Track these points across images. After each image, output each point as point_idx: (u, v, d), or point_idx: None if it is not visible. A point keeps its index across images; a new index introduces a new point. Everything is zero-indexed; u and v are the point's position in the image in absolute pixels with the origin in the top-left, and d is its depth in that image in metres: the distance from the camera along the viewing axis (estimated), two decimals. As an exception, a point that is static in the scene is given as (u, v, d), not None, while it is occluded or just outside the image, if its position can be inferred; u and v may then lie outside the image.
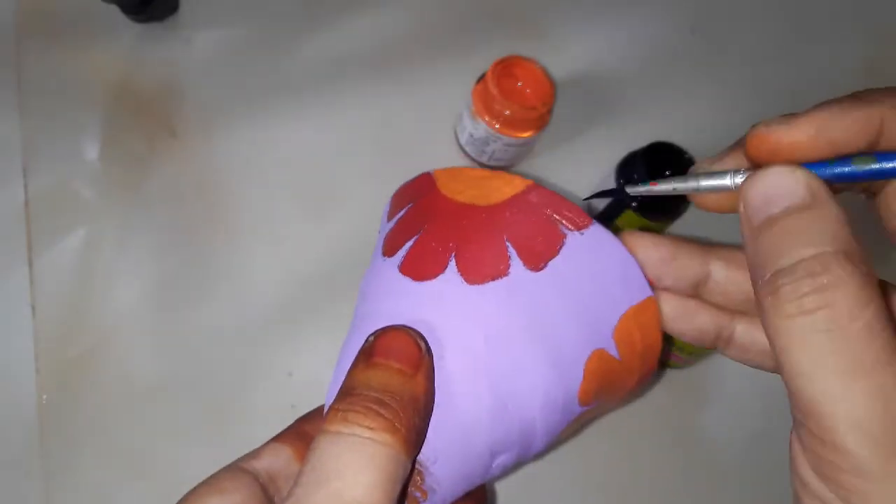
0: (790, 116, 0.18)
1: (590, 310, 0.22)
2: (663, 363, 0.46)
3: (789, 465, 0.17)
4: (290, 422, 0.43)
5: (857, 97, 0.17)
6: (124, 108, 0.48)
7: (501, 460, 0.23)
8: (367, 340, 0.21)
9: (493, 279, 0.22)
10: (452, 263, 0.22)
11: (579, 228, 0.23)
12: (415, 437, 0.19)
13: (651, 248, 0.22)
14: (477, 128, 0.46)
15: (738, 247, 0.22)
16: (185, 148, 0.47)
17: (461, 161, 0.50)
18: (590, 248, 0.22)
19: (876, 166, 0.17)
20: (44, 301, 0.42)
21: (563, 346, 0.22)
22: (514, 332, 0.22)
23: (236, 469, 0.24)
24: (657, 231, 0.47)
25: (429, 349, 0.21)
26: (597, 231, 0.23)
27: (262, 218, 0.46)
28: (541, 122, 0.46)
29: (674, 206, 0.44)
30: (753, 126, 0.18)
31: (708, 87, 0.57)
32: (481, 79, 0.45)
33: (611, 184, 0.46)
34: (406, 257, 0.23)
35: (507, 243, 0.22)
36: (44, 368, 0.40)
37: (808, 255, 0.16)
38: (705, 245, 0.23)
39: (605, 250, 0.23)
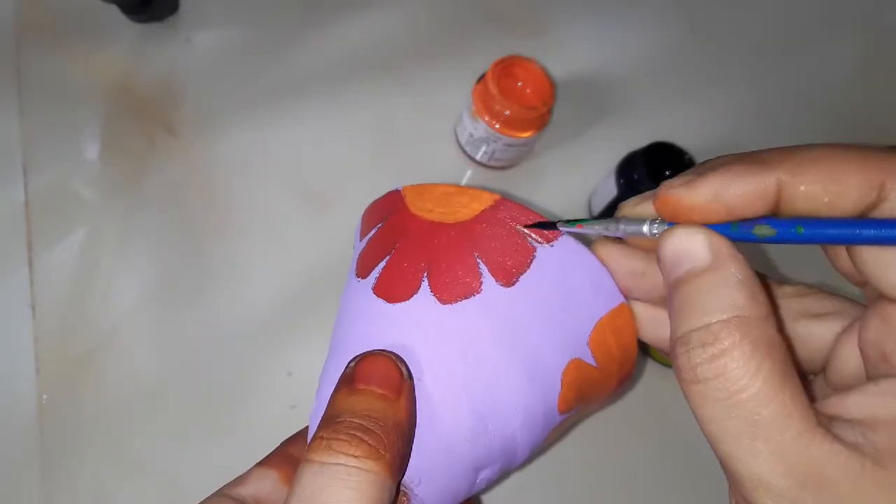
0: (692, 179, 0.18)
1: (564, 321, 0.23)
2: (646, 352, 0.46)
3: None
4: (290, 422, 0.43)
5: (756, 160, 0.17)
6: (124, 108, 0.48)
7: (485, 474, 0.23)
8: (347, 366, 0.21)
9: (465, 297, 0.22)
10: (425, 284, 0.22)
11: (549, 241, 0.23)
12: (399, 462, 0.19)
13: (622, 260, 0.22)
14: (477, 128, 0.46)
15: None
16: (185, 148, 0.47)
17: (461, 161, 0.50)
18: (560, 260, 0.23)
19: (774, 235, 0.17)
20: (44, 301, 0.42)
21: (539, 359, 0.22)
22: (490, 349, 0.22)
23: (223, 497, 0.24)
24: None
25: (409, 373, 0.21)
26: (566, 242, 0.23)
27: (262, 217, 0.46)
28: (541, 122, 0.46)
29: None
30: (662, 183, 0.19)
31: (708, 87, 0.57)
32: (481, 79, 0.45)
33: (611, 184, 0.46)
34: (379, 279, 0.23)
35: (478, 260, 0.22)
36: (44, 368, 0.40)
37: (700, 324, 0.16)
38: None
39: (576, 261, 0.23)
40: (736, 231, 0.17)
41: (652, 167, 0.43)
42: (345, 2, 0.54)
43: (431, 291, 0.22)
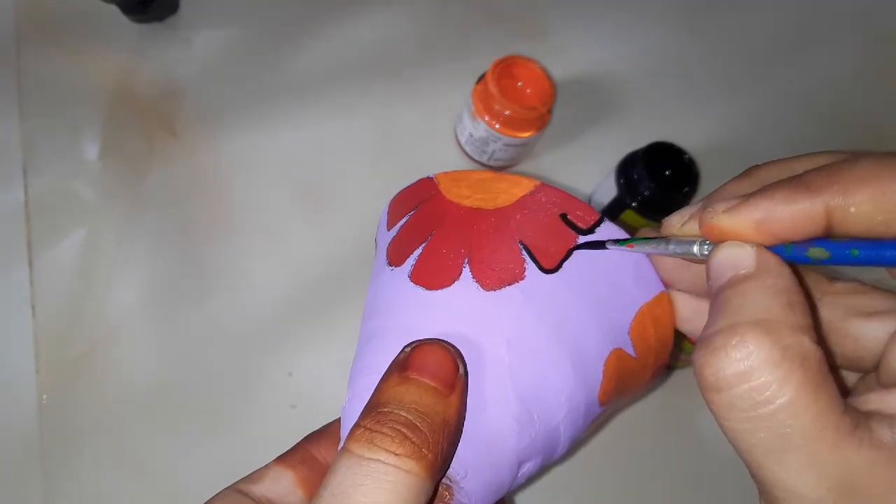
0: (734, 207, 0.17)
1: (606, 309, 0.22)
2: (670, 366, 0.46)
3: None
4: (290, 422, 0.43)
5: (801, 184, 0.17)
6: (124, 108, 0.48)
7: (527, 468, 0.23)
8: (402, 351, 0.20)
9: (509, 284, 0.22)
10: (466, 270, 0.22)
11: (588, 226, 0.22)
12: (441, 463, 0.19)
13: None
14: (477, 128, 0.46)
15: None
16: (185, 148, 0.47)
17: (461, 161, 0.50)
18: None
19: (828, 259, 0.16)
20: (44, 301, 0.42)
21: (582, 348, 0.22)
22: (536, 338, 0.21)
23: (235, 493, 0.23)
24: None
25: (465, 368, 0.20)
26: (607, 228, 0.22)
27: (262, 218, 0.46)
28: (541, 122, 0.46)
29: (673, 205, 0.44)
30: (703, 210, 0.18)
31: (707, 87, 0.57)
32: (481, 79, 0.45)
33: (611, 184, 0.46)
34: (416, 266, 0.23)
35: (521, 246, 0.22)
36: (44, 368, 0.40)
37: (726, 325, 0.16)
38: None
39: (621, 251, 0.22)
40: (790, 253, 0.17)
41: (652, 167, 0.43)
42: (345, 2, 0.54)
43: (474, 278, 0.22)
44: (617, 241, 0.22)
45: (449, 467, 0.20)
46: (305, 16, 0.53)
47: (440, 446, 0.18)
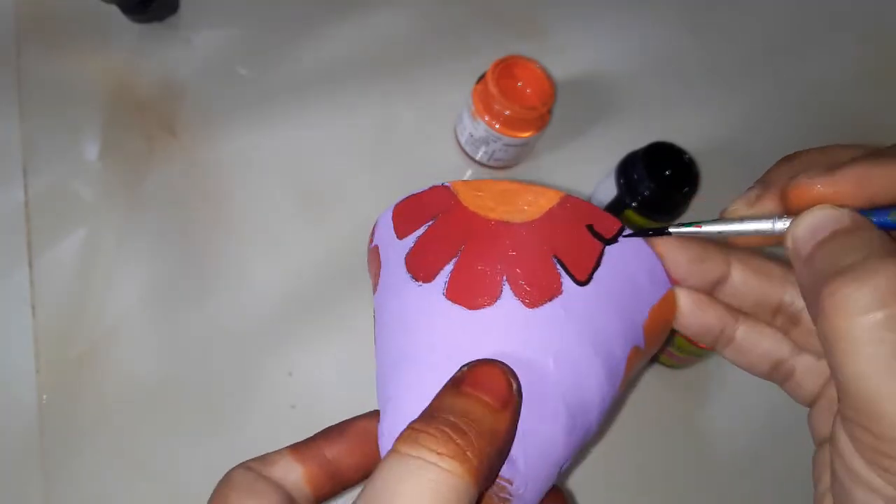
0: (832, 169, 0.18)
1: (629, 311, 0.23)
2: (654, 358, 0.46)
3: (831, 457, 0.18)
4: (290, 422, 0.43)
5: (886, 152, 0.18)
6: (124, 108, 0.48)
7: (563, 468, 0.24)
8: (459, 370, 0.21)
9: (549, 300, 0.22)
10: (507, 287, 0.22)
11: (612, 235, 0.23)
12: (487, 471, 0.19)
13: (679, 250, 0.23)
14: (477, 128, 0.46)
15: (755, 252, 0.23)
16: (185, 148, 0.47)
17: (461, 161, 0.50)
18: (623, 253, 0.23)
19: None
20: (44, 301, 0.42)
21: (612, 352, 0.23)
22: (577, 349, 0.22)
23: (251, 472, 0.23)
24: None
25: (519, 389, 0.21)
26: (629, 238, 0.23)
27: (261, 218, 0.46)
28: (541, 122, 0.46)
29: (673, 205, 0.45)
30: (794, 178, 0.19)
31: (708, 87, 0.57)
32: (481, 79, 0.45)
33: (611, 184, 0.46)
34: (451, 282, 0.22)
35: (555, 260, 0.22)
36: (44, 368, 0.40)
37: (863, 260, 0.16)
38: (725, 247, 0.23)
39: (637, 254, 0.23)
40: (874, 216, 0.18)
41: (652, 167, 0.43)
42: (345, 2, 0.54)
43: (515, 295, 0.22)
44: (683, 225, 0.22)
45: (496, 479, 0.21)
46: (305, 16, 0.53)
47: (485, 453, 0.18)
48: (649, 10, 0.59)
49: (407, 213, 0.25)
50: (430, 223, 0.24)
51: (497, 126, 0.45)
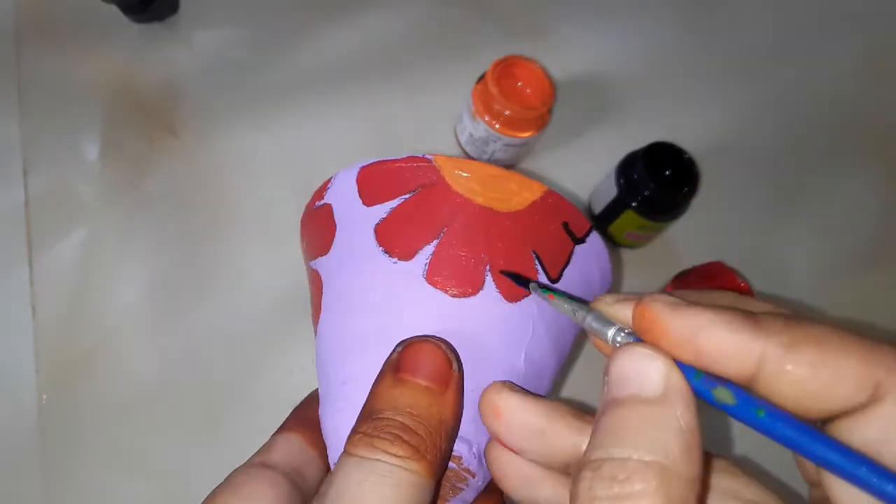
0: (680, 304, 0.16)
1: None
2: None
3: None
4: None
5: (754, 318, 0.15)
6: (124, 108, 0.48)
7: None
8: (394, 350, 0.20)
9: (526, 295, 0.22)
10: (489, 279, 0.22)
11: (581, 236, 0.23)
12: (440, 462, 0.19)
13: (521, 415, 0.19)
14: (477, 128, 0.46)
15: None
16: (185, 148, 0.47)
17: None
18: (587, 255, 0.23)
19: (732, 406, 0.15)
20: (44, 301, 0.42)
21: (565, 348, 0.23)
22: (541, 346, 0.22)
23: (257, 467, 0.22)
24: (657, 231, 0.47)
25: (459, 363, 0.20)
26: (594, 239, 0.23)
27: (262, 217, 0.46)
28: (541, 122, 0.46)
29: (674, 205, 0.45)
30: (646, 295, 0.17)
31: (707, 87, 0.57)
32: (481, 79, 0.45)
33: (611, 184, 0.46)
34: (432, 267, 0.22)
35: (534, 255, 0.22)
36: (44, 368, 0.40)
37: (618, 455, 0.14)
38: (582, 414, 0.19)
39: (597, 254, 0.24)
40: (698, 381, 0.15)
41: (652, 167, 0.43)
42: (345, 2, 0.54)
43: (497, 287, 0.22)
44: (541, 287, 0.21)
45: (448, 464, 0.21)
46: (305, 16, 0.53)
47: (438, 447, 0.18)
48: (649, 10, 0.58)
49: (377, 180, 0.23)
50: (409, 196, 0.23)
51: (497, 126, 0.45)
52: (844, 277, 0.52)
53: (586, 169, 0.50)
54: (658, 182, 0.43)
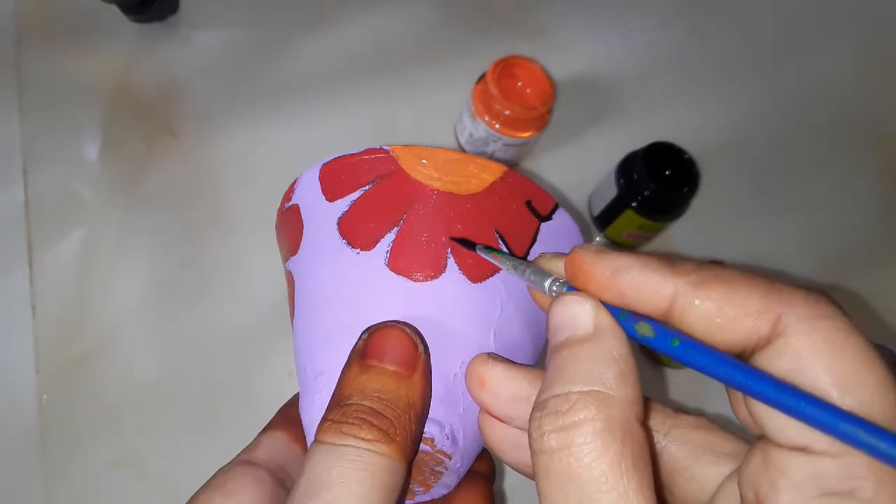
0: (606, 251, 0.17)
1: None
2: (655, 359, 0.47)
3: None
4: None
5: (670, 262, 0.17)
6: (124, 108, 0.48)
7: None
8: (360, 338, 0.21)
9: (492, 274, 0.22)
10: (451, 261, 0.22)
11: (547, 213, 0.23)
12: (411, 444, 0.19)
13: (505, 383, 0.20)
14: (477, 128, 0.46)
15: None
16: (185, 148, 0.47)
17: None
18: (555, 232, 0.23)
19: (651, 338, 0.16)
20: (44, 301, 0.42)
21: (539, 326, 0.23)
22: (513, 324, 0.22)
23: (242, 464, 0.23)
24: (657, 230, 0.47)
25: (425, 346, 0.21)
26: (561, 215, 0.23)
27: (261, 217, 0.46)
28: (541, 122, 0.46)
29: (674, 205, 0.45)
30: (578, 246, 0.18)
31: (707, 87, 0.57)
32: (481, 79, 0.45)
33: (611, 184, 0.46)
34: (393, 254, 0.22)
35: (497, 235, 0.22)
36: (44, 368, 0.40)
37: (560, 391, 0.16)
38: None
39: (567, 231, 0.24)
40: (623, 319, 0.17)
41: (652, 167, 0.43)
42: (345, 2, 0.54)
43: (459, 269, 0.22)
44: (486, 248, 0.22)
45: (419, 447, 0.21)
46: (305, 16, 0.53)
47: (408, 429, 0.19)
48: (649, 10, 0.59)
49: (338, 175, 0.24)
50: (368, 187, 0.23)
51: (497, 126, 0.45)
52: (844, 277, 0.52)
53: (586, 169, 0.50)
54: (658, 182, 0.43)
